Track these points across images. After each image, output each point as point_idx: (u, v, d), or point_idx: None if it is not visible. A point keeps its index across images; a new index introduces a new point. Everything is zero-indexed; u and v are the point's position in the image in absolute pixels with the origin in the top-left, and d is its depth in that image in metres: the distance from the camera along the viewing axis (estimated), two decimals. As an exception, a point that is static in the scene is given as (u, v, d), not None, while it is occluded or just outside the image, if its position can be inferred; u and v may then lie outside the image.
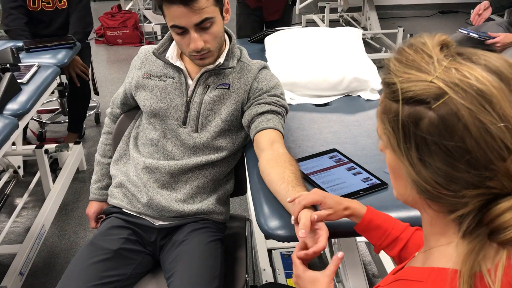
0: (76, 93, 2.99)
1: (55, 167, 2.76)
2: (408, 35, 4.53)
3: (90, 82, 3.21)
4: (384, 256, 1.99)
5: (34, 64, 2.30)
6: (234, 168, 1.53)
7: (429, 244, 0.69)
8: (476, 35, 2.72)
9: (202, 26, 1.26)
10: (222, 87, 1.40)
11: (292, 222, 1.01)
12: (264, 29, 2.99)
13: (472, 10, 2.90)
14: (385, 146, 0.67)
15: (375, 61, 2.04)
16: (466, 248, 0.61)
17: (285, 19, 3.00)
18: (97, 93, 3.33)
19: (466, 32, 2.78)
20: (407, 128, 0.61)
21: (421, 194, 0.65)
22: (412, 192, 0.66)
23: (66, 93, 3.03)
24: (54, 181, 2.56)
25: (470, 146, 0.57)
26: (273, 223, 1.12)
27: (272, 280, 1.91)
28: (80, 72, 2.86)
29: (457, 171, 0.58)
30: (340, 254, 0.91)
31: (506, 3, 2.87)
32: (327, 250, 1.88)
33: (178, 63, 1.41)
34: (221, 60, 1.39)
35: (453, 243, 0.64)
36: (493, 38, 2.65)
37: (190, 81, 1.42)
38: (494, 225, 0.58)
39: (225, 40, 1.42)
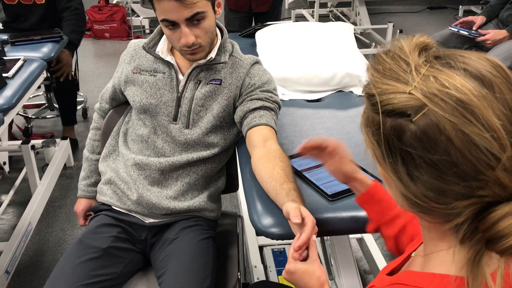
0: (63, 87, 2.94)
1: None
2: (398, 30, 4.55)
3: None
4: (375, 252, 2.00)
5: (20, 58, 2.25)
6: (225, 164, 1.51)
7: (429, 249, 0.67)
8: (466, 33, 2.73)
9: (193, 20, 1.24)
10: (213, 82, 1.38)
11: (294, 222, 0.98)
12: (253, 23, 2.97)
13: (460, 7, 2.90)
14: (372, 158, 0.65)
15: (365, 56, 2.03)
16: (467, 255, 0.59)
17: (274, 13, 2.98)
18: (78, 89, 3.28)
19: (456, 30, 2.79)
20: (391, 141, 0.59)
21: (412, 207, 0.63)
22: (404, 205, 0.64)
23: (53, 88, 2.98)
24: (40, 177, 2.52)
25: (456, 158, 0.54)
26: (266, 220, 1.11)
27: (264, 277, 1.90)
28: (71, 72, 2.82)
29: (446, 183, 0.56)
30: (313, 237, 0.92)
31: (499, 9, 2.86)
32: (319, 249, 1.87)
33: (168, 58, 1.38)
34: (212, 55, 1.37)
35: (452, 249, 0.62)
36: (483, 35, 2.66)
37: (181, 76, 1.40)
38: (490, 234, 0.56)
39: (216, 35, 1.40)
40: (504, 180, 0.55)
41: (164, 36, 1.40)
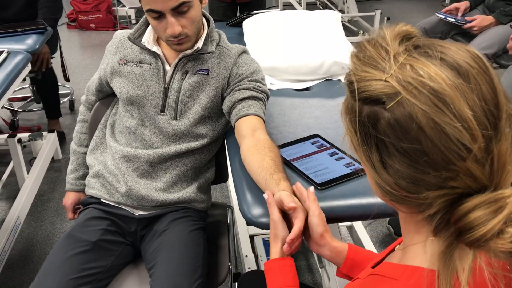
0: (43, 80, 2.89)
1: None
2: (385, 18, 4.54)
3: (60, 68, 3.12)
4: (365, 239, 2.01)
5: (4, 50, 2.21)
6: (215, 155, 1.51)
7: (406, 242, 0.68)
8: (453, 20, 2.74)
9: (179, 10, 1.23)
10: (201, 72, 1.37)
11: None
12: (238, 12, 2.94)
13: None
14: (349, 146, 0.66)
15: (353, 44, 2.02)
16: (439, 248, 0.59)
17: (258, 2, 2.94)
18: (67, 79, 3.24)
19: (443, 17, 2.79)
20: (367, 129, 0.59)
21: (385, 196, 0.63)
22: (378, 193, 0.65)
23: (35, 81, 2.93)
24: (28, 171, 2.49)
25: (427, 147, 0.54)
26: (256, 210, 1.11)
27: (255, 266, 1.91)
28: (46, 59, 2.75)
29: (417, 172, 0.56)
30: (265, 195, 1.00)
31: None
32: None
33: (154, 48, 1.36)
34: (199, 45, 1.35)
35: (426, 241, 0.62)
36: (470, 22, 2.66)
37: (167, 67, 1.38)
38: (460, 225, 0.56)
39: (203, 24, 1.38)
40: (475, 171, 0.54)
41: (149, 26, 1.38)
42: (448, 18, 2.75)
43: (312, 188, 1.00)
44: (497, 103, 0.55)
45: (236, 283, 1.40)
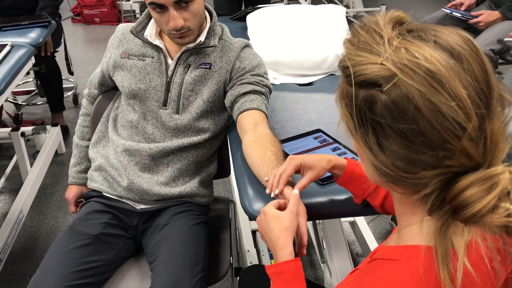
0: (47, 73, 2.89)
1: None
2: (391, 13, 4.50)
3: (64, 62, 3.11)
4: (368, 235, 2.01)
5: (7, 44, 2.21)
6: (217, 149, 1.50)
7: (401, 224, 0.69)
8: (459, 14, 2.71)
9: (182, 3, 1.22)
10: (203, 66, 1.36)
11: (273, 195, 1.00)
12: (243, 6, 2.92)
13: None
14: (345, 130, 0.67)
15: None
16: (435, 226, 0.60)
17: None
18: (71, 73, 3.24)
19: (449, 11, 2.77)
20: (363, 112, 0.60)
21: (382, 177, 0.65)
22: (374, 175, 0.66)
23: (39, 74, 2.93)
24: (32, 164, 2.50)
25: (423, 127, 0.56)
26: (258, 205, 1.11)
27: (257, 261, 1.91)
28: (49, 43, 2.74)
29: (414, 153, 0.58)
30: (295, 191, 0.95)
31: None
32: (311, 233, 1.88)
33: (157, 42, 1.36)
34: (201, 38, 1.35)
35: (422, 221, 0.64)
36: (476, 17, 2.64)
37: (170, 61, 1.38)
38: (455, 203, 0.57)
39: (205, 18, 1.38)
40: (469, 149, 0.56)
41: (152, 20, 1.37)
42: (454, 13, 2.73)
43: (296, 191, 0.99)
44: (489, 82, 0.57)
45: (237, 277, 1.40)
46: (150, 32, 1.37)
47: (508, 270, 0.68)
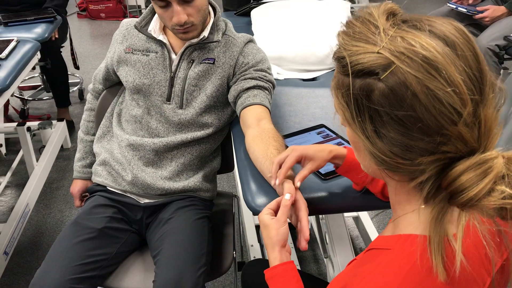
0: (53, 68, 2.90)
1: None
2: (396, 8, 4.47)
3: (70, 57, 3.12)
4: (371, 231, 2.01)
5: (13, 39, 2.22)
6: (221, 144, 1.51)
7: (397, 213, 0.70)
8: (465, 10, 2.70)
9: (186, -2, 1.22)
10: (207, 61, 1.36)
11: (277, 183, 0.99)
12: (251, 1, 2.92)
13: None
14: (342, 120, 0.68)
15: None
16: (430, 214, 0.61)
17: None
18: (77, 68, 3.25)
19: (454, 7, 2.76)
20: (360, 101, 0.61)
21: (379, 165, 0.66)
22: (372, 164, 0.67)
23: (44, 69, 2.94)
24: (37, 159, 2.51)
25: (421, 113, 0.57)
26: (260, 200, 1.11)
27: (260, 256, 1.92)
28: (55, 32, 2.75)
29: (411, 139, 0.59)
30: (287, 195, 0.93)
31: None
32: (315, 228, 1.88)
33: (161, 37, 1.36)
34: (205, 33, 1.35)
35: (418, 210, 0.65)
36: (482, 12, 2.62)
37: (173, 56, 1.38)
38: (452, 189, 0.58)
39: (209, 13, 1.38)
40: (465, 135, 0.57)
41: (156, 15, 1.38)
42: (459, 8, 2.71)
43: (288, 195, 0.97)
44: (481, 69, 0.59)
45: (240, 271, 1.40)
46: (154, 27, 1.37)
47: (503, 257, 0.69)
